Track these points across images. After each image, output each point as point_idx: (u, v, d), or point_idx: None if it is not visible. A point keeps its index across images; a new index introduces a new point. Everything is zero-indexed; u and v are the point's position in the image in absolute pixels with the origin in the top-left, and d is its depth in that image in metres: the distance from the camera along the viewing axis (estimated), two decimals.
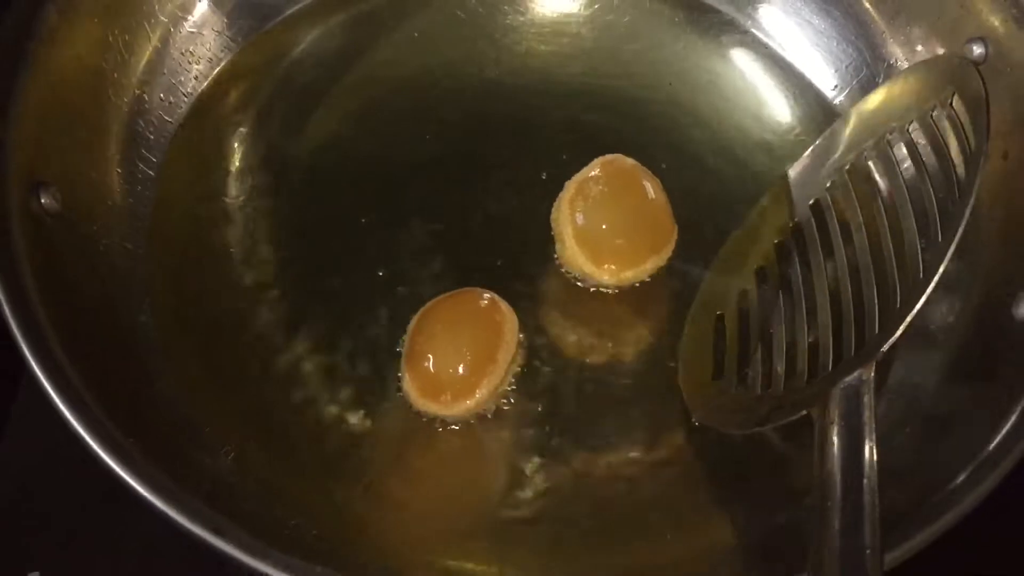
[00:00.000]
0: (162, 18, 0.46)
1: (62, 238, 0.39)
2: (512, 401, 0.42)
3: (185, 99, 0.47)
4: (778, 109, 0.51)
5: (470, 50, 0.51)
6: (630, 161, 0.45)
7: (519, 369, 0.43)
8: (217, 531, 0.32)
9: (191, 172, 0.46)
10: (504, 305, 0.42)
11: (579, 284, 0.44)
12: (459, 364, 0.41)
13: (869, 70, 0.50)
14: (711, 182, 0.48)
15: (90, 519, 0.41)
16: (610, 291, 0.44)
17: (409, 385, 0.41)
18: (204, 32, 0.48)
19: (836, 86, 0.51)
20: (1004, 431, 0.37)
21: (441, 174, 0.47)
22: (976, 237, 0.44)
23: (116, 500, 0.33)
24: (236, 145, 0.47)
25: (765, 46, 0.52)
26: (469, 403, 0.41)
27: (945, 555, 0.35)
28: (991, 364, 0.41)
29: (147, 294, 0.42)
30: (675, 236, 0.44)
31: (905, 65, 0.49)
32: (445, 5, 0.52)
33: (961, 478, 0.36)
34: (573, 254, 0.43)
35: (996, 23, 0.45)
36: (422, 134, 0.48)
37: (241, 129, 0.48)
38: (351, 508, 0.39)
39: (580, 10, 0.53)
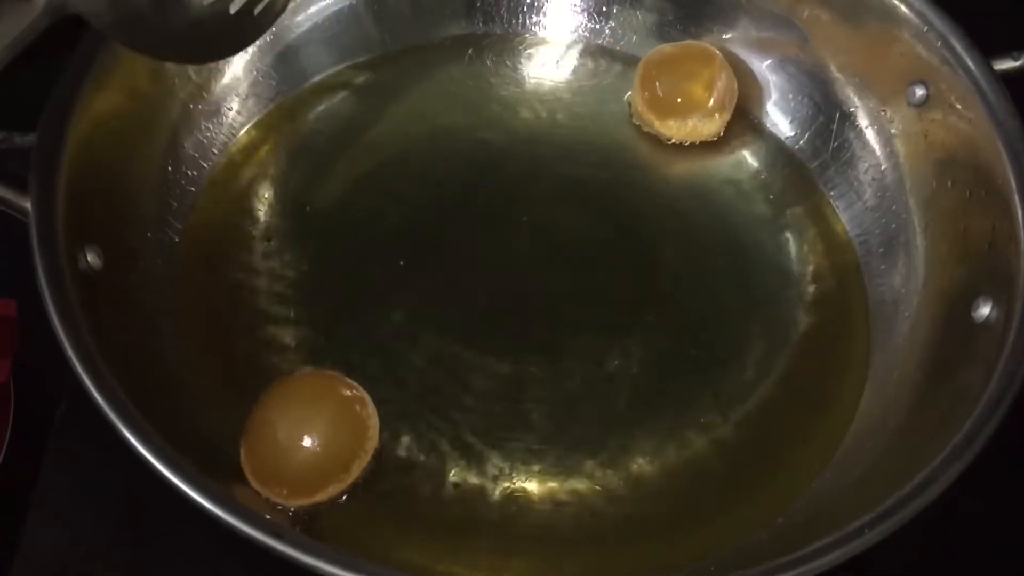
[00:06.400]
0: (181, 96, 0.50)
1: (104, 290, 0.42)
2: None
3: (205, 169, 0.51)
4: (744, 156, 0.55)
5: (464, 117, 0.56)
6: (704, 47, 0.55)
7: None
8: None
9: (211, 236, 0.50)
10: (371, 407, 0.41)
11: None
12: (308, 463, 0.39)
13: (824, 117, 0.54)
14: (684, 221, 0.53)
15: None
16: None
17: (245, 462, 0.40)
18: (221, 110, 0.52)
19: (795, 134, 0.56)
20: (971, 419, 0.39)
21: (443, 225, 0.52)
22: (935, 255, 0.49)
23: None
24: (254, 206, 0.51)
25: None
26: (306, 502, 0.40)
27: None
28: (955, 363, 0.44)
29: (179, 338, 0.45)
30: (729, 110, 0.54)
31: (854, 108, 0.53)
32: (440, 80, 0.57)
33: (932, 466, 0.38)
34: (642, 109, 0.54)
35: (934, 67, 0.49)
36: (424, 191, 0.53)
37: (261, 191, 0.52)
38: None
39: (562, 79, 0.57)
